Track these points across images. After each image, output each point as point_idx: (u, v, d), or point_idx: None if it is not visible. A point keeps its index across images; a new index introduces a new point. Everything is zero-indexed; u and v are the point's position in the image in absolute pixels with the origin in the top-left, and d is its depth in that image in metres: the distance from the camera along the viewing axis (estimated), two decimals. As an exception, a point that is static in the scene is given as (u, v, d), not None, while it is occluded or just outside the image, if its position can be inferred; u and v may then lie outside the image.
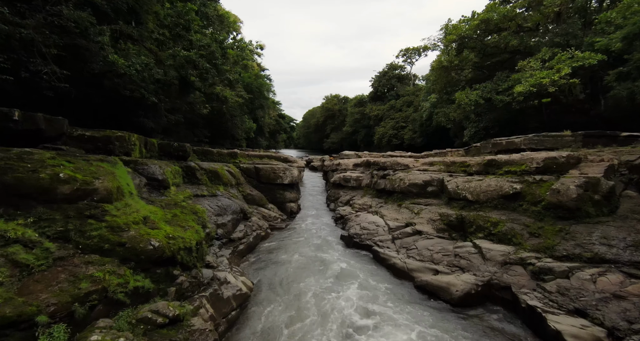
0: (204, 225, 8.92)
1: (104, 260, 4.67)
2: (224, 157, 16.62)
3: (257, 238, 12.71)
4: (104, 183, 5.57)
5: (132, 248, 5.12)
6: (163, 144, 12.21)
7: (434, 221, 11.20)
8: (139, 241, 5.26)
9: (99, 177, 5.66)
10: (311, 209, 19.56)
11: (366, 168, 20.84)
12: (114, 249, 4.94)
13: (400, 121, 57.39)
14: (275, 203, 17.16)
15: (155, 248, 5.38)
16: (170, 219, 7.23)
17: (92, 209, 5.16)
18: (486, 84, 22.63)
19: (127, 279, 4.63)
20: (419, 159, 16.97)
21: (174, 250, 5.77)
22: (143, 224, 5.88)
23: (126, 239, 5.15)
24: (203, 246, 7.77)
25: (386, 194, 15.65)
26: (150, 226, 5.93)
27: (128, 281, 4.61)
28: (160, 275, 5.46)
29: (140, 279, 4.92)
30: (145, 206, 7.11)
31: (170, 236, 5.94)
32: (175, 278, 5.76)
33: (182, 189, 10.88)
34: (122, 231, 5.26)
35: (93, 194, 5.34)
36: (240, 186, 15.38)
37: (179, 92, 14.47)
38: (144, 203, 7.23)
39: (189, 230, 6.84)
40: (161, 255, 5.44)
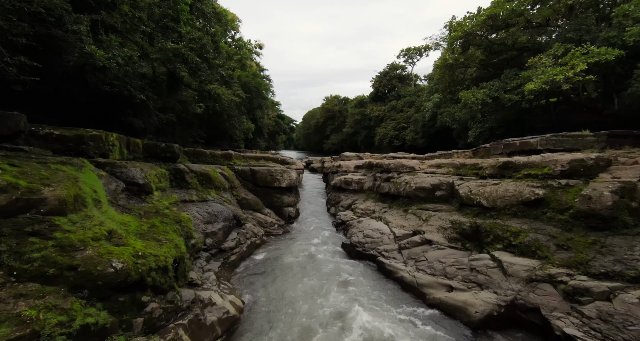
0: (188, 236, 7.93)
1: (45, 290, 3.68)
2: (217, 159, 15.62)
3: (251, 247, 11.71)
4: (56, 191, 4.58)
5: (87, 272, 4.12)
6: (149, 145, 11.22)
7: (444, 229, 10.18)
8: (96, 262, 4.26)
9: (51, 183, 4.68)
10: (310, 214, 18.55)
11: (368, 170, 19.85)
12: (61, 274, 3.95)
13: (402, 122, 56.45)
14: (272, 207, 16.15)
15: (118, 270, 4.38)
16: (145, 231, 6.22)
17: (37, 224, 4.17)
18: (493, 82, 21.66)
19: (74, 315, 3.64)
20: (424, 161, 15.97)
21: (143, 272, 4.77)
22: (106, 240, 4.89)
23: (79, 261, 4.16)
24: (185, 261, 6.77)
25: (390, 198, 14.65)
26: (115, 243, 4.93)
27: (74, 318, 3.61)
28: (124, 304, 4.46)
29: (93, 312, 3.92)
30: (117, 216, 6.11)
31: (139, 254, 4.94)
32: (144, 305, 4.76)
33: (167, 195, 9.88)
34: (75, 250, 4.26)
35: (39, 205, 4.35)
36: (235, 190, 14.38)
37: (168, 89, 13.49)
38: (115, 213, 6.23)
39: (166, 245, 5.84)
40: (125, 279, 4.44)
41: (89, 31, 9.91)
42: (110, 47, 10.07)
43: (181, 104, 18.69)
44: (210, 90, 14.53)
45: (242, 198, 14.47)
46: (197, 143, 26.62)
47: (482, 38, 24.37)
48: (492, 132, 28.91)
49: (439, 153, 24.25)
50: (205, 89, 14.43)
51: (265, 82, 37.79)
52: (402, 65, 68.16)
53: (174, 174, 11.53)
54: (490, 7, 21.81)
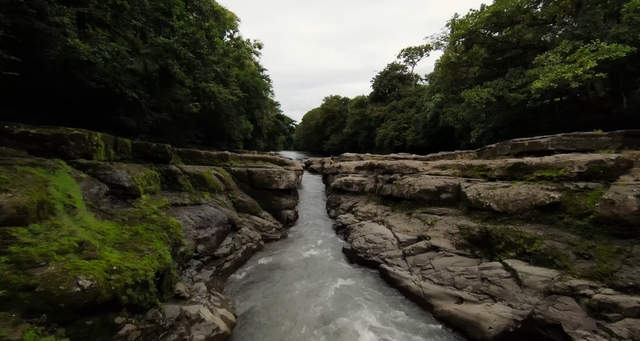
0: (177, 243, 7.33)
1: (-10, 318, 3.09)
2: (213, 160, 15.02)
3: (247, 253, 11.11)
4: (15, 198, 3.99)
5: (46, 292, 3.53)
6: (139, 145, 10.62)
7: (452, 234, 9.58)
8: (59, 281, 3.67)
9: (11, 189, 4.08)
10: (310, 217, 17.95)
11: (369, 172, 19.26)
12: (14, 296, 3.36)
13: (402, 122, 55.89)
14: (270, 210, 15.55)
15: (85, 289, 3.79)
16: (126, 240, 5.63)
17: (-12, 237, 3.59)
18: (497, 81, 21.08)
19: (25, 347, 3.05)
20: (428, 162, 15.38)
21: (117, 289, 4.17)
22: (76, 253, 4.29)
23: (38, 280, 3.56)
24: (171, 272, 6.17)
25: (393, 200, 14.05)
26: (86, 256, 4.34)
27: (25, 351, 3.03)
28: (93, 328, 3.86)
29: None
30: (94, 223, 5.52)
31: (114, 268, 4.34)
32: (118, 328, 4.16)
33: (157, 198, 9.28)
34: (34, 267, 3.67)
35: (-7, 214, 3.77)
36: (230, 192, 13.78)
37: (160, 87, 12.91)
38: (93, 220, 5.63)
39: (148, 256, 5.23)
40: (94, 299, 3.84)
41: (73, 24, 9.32)
42: (98, 41, 9.48)
43: (176, 103, 18.10)
44: (204, 88, 13.91)
45: (238, 200, 13.87)
46: (194, 144, 26.03)
47: (485, 36, 23.82)
48: (496, 132, 28.35)
49: (442, 154, 23.67)
50: (199, 87, 13.81)
51: (264, 81, 37.24)
52: (403, 65, 67.64)
53: (166, 176, 10.94)
54: (495, 4, 21.26)
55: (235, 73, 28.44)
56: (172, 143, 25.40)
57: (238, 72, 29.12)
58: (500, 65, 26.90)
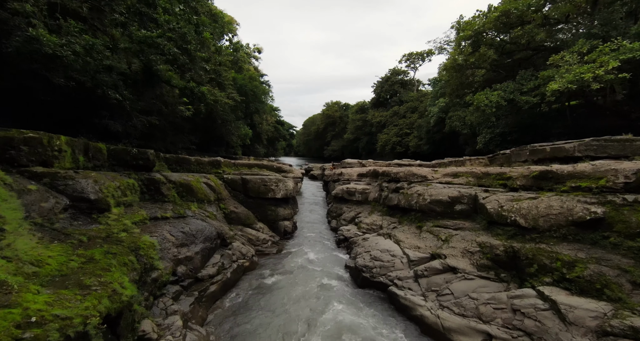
0: (148, 268, 6.11)
1: None
2: (204, 167, 13.86)
3: (238, 272, 9.86)
4: None
5: None
6: (117, 151, 9.46)
7: (471, 253, 8.34)
8: None
9: None
10: (309, 228, 16.71)
11: (373, 179, 18.07)
12: None
13: (405, 128, 54.85)
14: (265, 221, 14.33)
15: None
16: (73, 270, 4.43)
17: None
18: (508, 83, 20.01)
19: None
20: (437, 169, 14.20)
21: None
22: (-21, 299, 3.10)
23: None
24: (134, 309, 4.94)
25: (400, 211, 12.83)
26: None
27: None
28: None
29: None
30: (31, 250, 4.33)
31: (32, 320, 3.14)
32: None
33: (133, 211, 8.08)
34: None
35: None
36: (222, 202, 12.58)
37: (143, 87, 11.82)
38: (30, 245, 4.44)
39: (95, 294, 4.02)
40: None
41: (42, 14, 8.26)
42: (69, 33, 8.39)
43: (167, 106, 17.03)
44: (192, 88, 12.81)
45: (230, 211, 12.66)
46: (188, 150, 24.92)
47: (493, 37, 22.85)
48: (504, 137, 27.21)
49: (449, 160, 22.48)
50: (187, 87, 12.72)
51: (263, 86, 36.31)
52: (404, 70, 66.93)
53: (147, 185, 9.76)
54: (504, 4, 20.31)
55: (232, 76, 27.48)
56: (167, 149, 24.30)
57: (235, 76, 28.17)
58: (508, 68, 25.89)
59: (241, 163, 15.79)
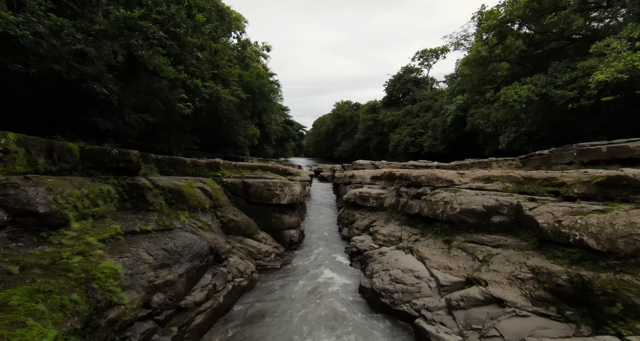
0: (102, 306, 4.65)
1: None
2: (200, 169, 12.46)
3: (233, 293, 8.37)
4: None
5: None
6: (93, 152, 8.10)
7: (521, 281, 6.61)
8: None
9: None
10: (318, 236, 15.16)
11: (388, 182, 16.39)
12: None
13: (418, 127, 52.79)
14: (269, 230, 12.84)
15: None
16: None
17: None
18: (539, 76, 18.04)
19: None
20: (464, 173, 12.44)
21: None
22: None
23: None
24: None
25: (422, 221, 11.14)
26: None
27: None
28: None
29: None
30: None
31: None
32: None
33: (104, 225, 6.68)
34: None
35: None
36: (219, 210, 11.14)
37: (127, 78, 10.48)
38: None
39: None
40: None
41: None
42: (34, 12, 7.07)
43: (165, 103, 15.74)
44: (184, 79, 11.40)
45: (228, 219, 11.20)
46: (191, 150, 23.69)
47: (520, 27, 20.87)
48: (530, 137, 25.10)
49: (470, 161, 20.61)
50: (178, 78, 11.31)
51: (270, 84, 34.96)
52: (418, 68, 64.79)
53: (129, 191, 8.38)
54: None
55: (237, 73, 26.20)
56: (170, 150, 23.13)
57: (241, 72, 26.87)
58: (535, 61, 23.80)
59: (243, 165, 14.34)
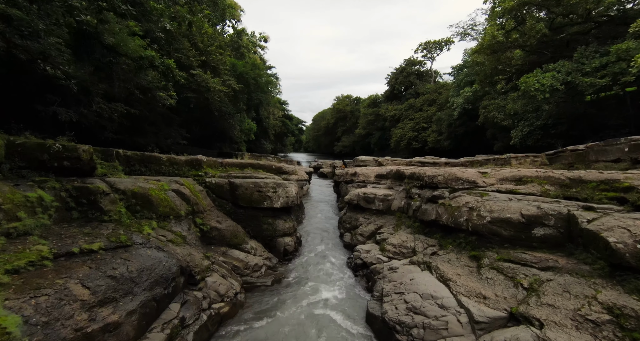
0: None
1: None
2: (179, 168, 10.66)
3: (209, 326, 6.64)
4: None
5: None
6: (27, 147, 6.31)
7: (593, 324, 4.85)
8: None
9: None
10: (316, 243, 13.44)
11: (395, 182, 14.64)
12: None
13: (422, 122, 50.90)
14: (260, 238, 11.11)
15: None
16: None
17: None
18: (563, 62, 16.17)
19: None
20: (485, 172, 10.66)
21: None
22: None
23: None
24: None
25: (440, 230, 9.40)
26: None
27: None
28: None
29: None
30: None
31: None
32: None
33: (23, 247, 4.91)
34: None
35: None
36: (199, 216, 9.37)
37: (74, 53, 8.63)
38: None
39: None
40: None
41: None
42: None
43: (144, 92, 13.87)
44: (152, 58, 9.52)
45: (210, 228, 9.45)
46: (180, 145, 21.84)
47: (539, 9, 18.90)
48: (546, 131, 23.22)
49: (483, 158, 18.81)
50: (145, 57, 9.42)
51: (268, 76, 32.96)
52: (421, 60, 62.66)
53: (77, 197, 6.61)
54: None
55: (230, 61, 24.25)
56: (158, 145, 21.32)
57: (235, 62, 24.92)
58: (553, 48, 21.86)
59: (230, 163, 12.53)
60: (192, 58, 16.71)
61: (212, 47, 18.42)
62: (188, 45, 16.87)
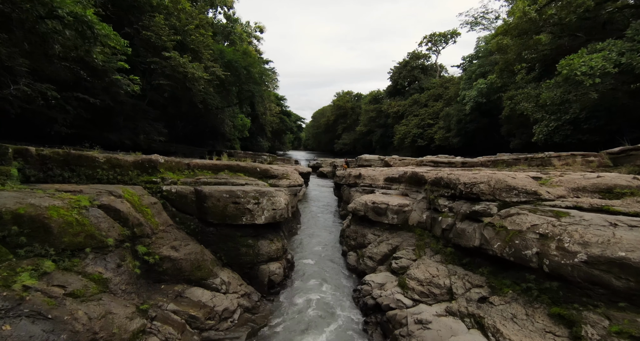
0: None
1: None
2: (123, 172, 7.78)
3: None
4: None
5: None
6: None
7: None
8: None
9: None
10: (313, 263, 10.64)
11: (411, 187, 11.83)
12: None
13: (427, 118, 47.95)
14: (236, 265, 8.29)
15: None
16: None
17: None
18: (613, 41, 13.29)
19: None
20: (540, 178, 7.82)
21: None
22: None
23: None
24: None
25: (488, 262, 6.56)
26: None
27: None
28: None
29: None
30: None
31: None
32: None
33: None
34: None
35: None
36: (142, 242, 6.52)
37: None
38: None
39: None
40: None
41: None
42: None
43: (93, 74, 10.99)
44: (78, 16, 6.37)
45: (161, 258, 6.60)
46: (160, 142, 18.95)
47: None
48: (576, 126, 20.29)
49: (511, 157, 15.94)
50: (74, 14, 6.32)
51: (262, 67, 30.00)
52: (425, 53, 59.61)
53: None
54: None
55: (218, 48, 21.31)
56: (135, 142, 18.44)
57: (222, 48, 21.97)
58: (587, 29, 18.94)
59: (201, 165, 9.64)
60: (164, 37, 13.84)
61: (191, 26, 15.55)
62: (161, 22, 14.02)
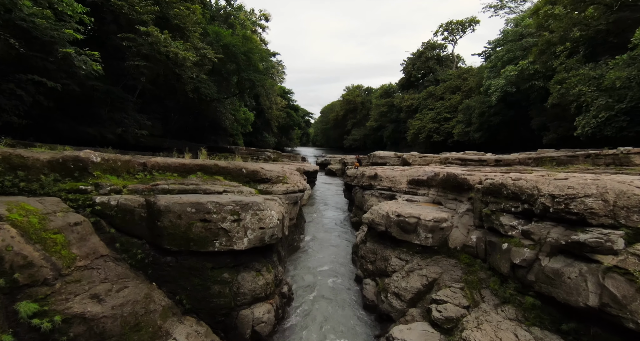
0: None
1: None
2: (29, 175, 5.21)
3: None
4: None
5: None
6: None
7: None
8: None
9: None
10: (317, 295, 7.98)
11: (444, 193, 9.06)
12: None
13: (444, 112, 44.63)
14: (205, 311, 5.70)
15: None
16: None
17: None
18: None
19: None
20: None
21: None
22: None
23: None
24: None
25: (619, 337, 3.76)
26: None
27: None
28: None
29: None
30: None
31: None
32: None
33: None
34: None
35: None
36: (37, 293, 3.95)
37: None
38: None
39: None
40: None
41: None
42: None
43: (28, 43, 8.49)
44: None
45: (68, 317, 4.04)
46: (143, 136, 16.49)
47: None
48: (633, 117, 17.09)
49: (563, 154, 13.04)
50: None
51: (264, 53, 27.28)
52: (441, 43, 55.93)
53: None
54: None
55: (213, 30, 18.70)
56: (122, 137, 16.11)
57: (217, 29, 19.34)
58: None
59: (163, 164, 7.01)
60: (138, 6, 11.30)
61: (174, -4, 13.04)
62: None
